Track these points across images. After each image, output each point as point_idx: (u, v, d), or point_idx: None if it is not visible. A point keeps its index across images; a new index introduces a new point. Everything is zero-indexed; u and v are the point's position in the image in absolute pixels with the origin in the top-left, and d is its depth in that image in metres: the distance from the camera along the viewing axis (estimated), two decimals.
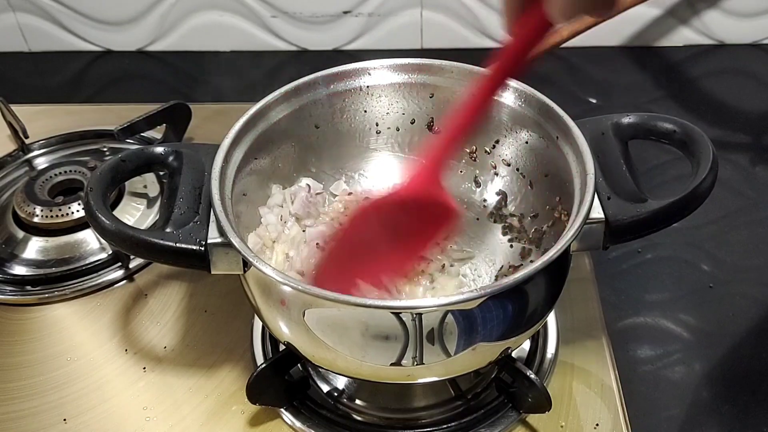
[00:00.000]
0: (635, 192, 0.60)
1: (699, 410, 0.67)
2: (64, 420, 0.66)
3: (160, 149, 0.65)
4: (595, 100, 1.02)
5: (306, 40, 1.12)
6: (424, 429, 0.64)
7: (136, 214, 0.83)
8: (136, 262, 0.78)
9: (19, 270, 0.78)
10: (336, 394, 0.67)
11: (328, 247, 0.62)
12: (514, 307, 0.55)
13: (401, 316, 0.52)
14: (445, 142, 0.58)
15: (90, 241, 0.80)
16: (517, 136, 0.68)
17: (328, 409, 0.66)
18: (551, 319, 0.70)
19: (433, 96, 0.70)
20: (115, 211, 0.79)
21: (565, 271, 0.59)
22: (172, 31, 1.11)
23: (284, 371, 0.63)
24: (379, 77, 0.70)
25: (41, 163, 0.91)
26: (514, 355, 0.61)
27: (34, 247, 0.80)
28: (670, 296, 0.76)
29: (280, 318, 0.57)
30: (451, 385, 0.66)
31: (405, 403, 0.67)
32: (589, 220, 0.57)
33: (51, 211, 0.80)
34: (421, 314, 0.52)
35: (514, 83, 0.66)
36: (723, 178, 0.64)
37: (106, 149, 0.92)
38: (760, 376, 0.69)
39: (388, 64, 0.70)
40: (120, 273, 0.78)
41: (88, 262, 0.78)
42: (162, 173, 0.84)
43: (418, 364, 0.55)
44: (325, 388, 0.67)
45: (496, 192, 0.71)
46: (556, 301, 0.59)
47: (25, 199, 0.81)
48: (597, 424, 0.63)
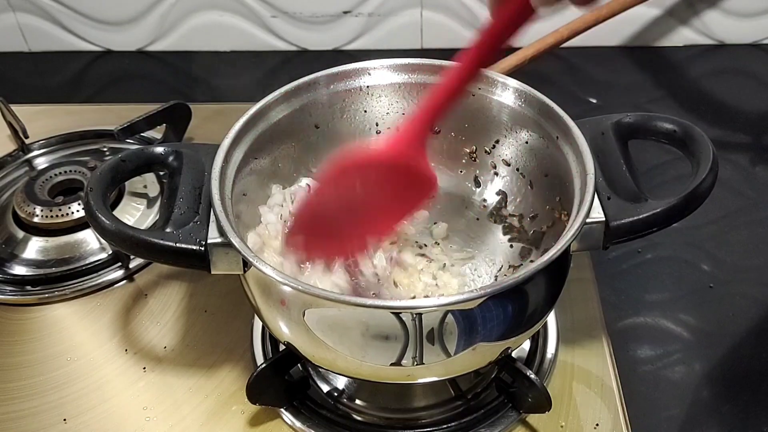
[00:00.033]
0: (635, 192, 0.60)
1: (699, 410, 0.67)
2: (64, 420, 0.66)
3: (160, 149, 0.65)
4: (595, 100, 1.02)
5: (306, 40, 1.12)
6: (424, 429, 0.64)
7: (136, 214, 0.83)
8: (136, 262, 0.78)
9: (19, 270, 0.78)
10: (336, 394, 0.67)
11: (305, 205, 0.62)
12: (514, 307, 0.55)
13: (401, 316, 0.52)
14: (425, 111, 0.58)
15: (90, 241, 0.80)
16: (517, 136, 0.68)
17: (328, 409, 0.66)
18: (551, 319, 0.70)
19: None
20: (115, 211, 0.79)
21: (565, 271, 0.59)
22: (172, 31, 1.11)
23: (284, 371, 0.63)
24: (379, 77, 0.70)
25: (41, 163, 0.91)
26: (514, 355, 0.61)
27: (34, 247, 0.80)
28: (670, 296, 0.76)
29: (280, 318, 0.57)
30: (451, 385, 0.66)
31: (405, 403, 0.67)
32: (588, 220, 0.57)
33: (51, 211, 0.80)
34: (421, 314, 0.52)
35: (514, 83, 0.66)
36: (723, 178, 0.64)
37: (106, 149, 0.92)
38: (760, 376, 0.69)
39: (388, 64, 0.70)
40: (120, 273, 0.78)
41: (88, 262, 0.78)
42: (162, 173, 0.84)
43: (418, 364, 0.55)
44: (325, 388, 0.67)
45: (496, 192, 0.71)
46: (556, 301, 0.59)
47: (25, 199, 0.81)
48: (597, 424, 0.63)
